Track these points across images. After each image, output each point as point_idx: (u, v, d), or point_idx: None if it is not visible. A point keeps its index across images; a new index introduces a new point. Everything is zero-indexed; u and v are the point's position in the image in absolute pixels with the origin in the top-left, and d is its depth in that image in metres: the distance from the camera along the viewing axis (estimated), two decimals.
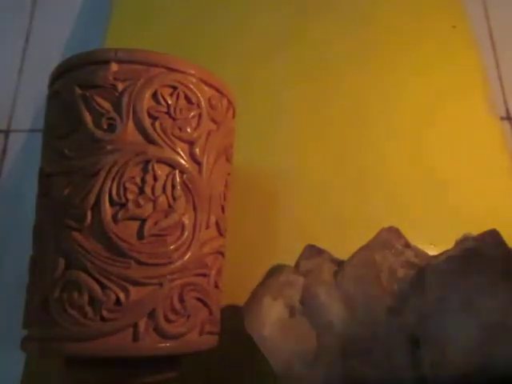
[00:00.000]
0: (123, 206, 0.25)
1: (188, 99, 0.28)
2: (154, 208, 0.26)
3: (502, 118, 0.46)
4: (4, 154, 0.45)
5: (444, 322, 0.26)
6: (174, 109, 0.27)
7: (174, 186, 0.27)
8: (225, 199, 0.30)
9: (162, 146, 0.26)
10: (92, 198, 0.25)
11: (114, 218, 0.25)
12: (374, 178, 0.40)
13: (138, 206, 0.26)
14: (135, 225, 0.26)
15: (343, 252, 0.30)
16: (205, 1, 0.49)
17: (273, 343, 0.28)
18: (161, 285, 0.26)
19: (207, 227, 0.28)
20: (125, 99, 0.26)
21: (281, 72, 0.45)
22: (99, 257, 0.25)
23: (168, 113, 0.27)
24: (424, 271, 0.28)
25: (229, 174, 0.31)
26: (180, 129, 0.27)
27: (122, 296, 0.25)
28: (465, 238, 0.29)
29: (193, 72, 0.28)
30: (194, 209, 0.27)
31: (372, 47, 0.46)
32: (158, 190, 0.26)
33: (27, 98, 0.47)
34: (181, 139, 0.27)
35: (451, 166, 0.41)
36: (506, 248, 0.28)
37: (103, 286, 0.25)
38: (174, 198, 0.26)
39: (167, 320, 0.26)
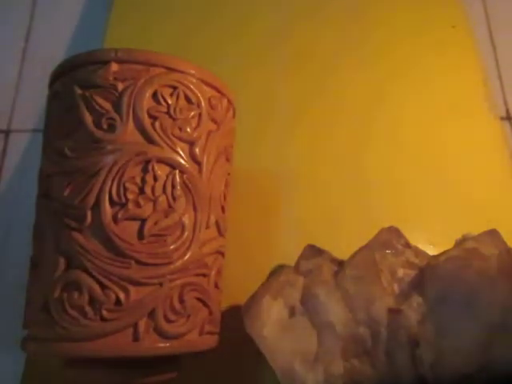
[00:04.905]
0: (123, 206, 0.25)
1: (188, 99, 0.28)
2: (154, 208, 0.26)
3: (502, 118, 0.46)
4: (4, 153, 0.45)
5: (444, 322, 0.26)
6: (174, 109, 0.27)
7: (174, 186, 0.27)
8: (225, 199, 0.30)
9: (162, 146, 0.26)
10: (92, 198, 0.25)
11: (114, 218, 0.25)
12: (373, 178, 0.40)
13: (138, 206, 0.26)
14: (135, 225, 0.26)
15: (343, 252, 0.30)
16: (204, 1, 0.49)
17: (273, 343, 0.28)
18: (161, 285, 0.26)
19: (207, 227, 0.28)
20: (125, 99, 0.26)
21: (280, 72, 0.45)
22: (99, 257, 0.25)
23: (168, 113, 0.27)
24: (424, 271, 0.28)
25: (229, 174, 0.31)
26: (180, 129, 0.27)
27: (121, 296, 0.25)
28: (465, 238, 0.29)
29: (193, 72, 0.28)
30: (194, 209, 0.27)
31: (371, 46, 0.46)
32: (158, 190, 0.26)
33: (27, 98, 0.47)
34: (181, 139, 0.27)
35: (451, 166, 0.41)
36: (506, 248, 0.28)
37: (103, 286, 0.25)
38: (174, 198, 0.26)
39: (167, 320, 0.26)
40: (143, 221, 0.26)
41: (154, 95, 0.27)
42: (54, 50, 0.49)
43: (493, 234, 0.28)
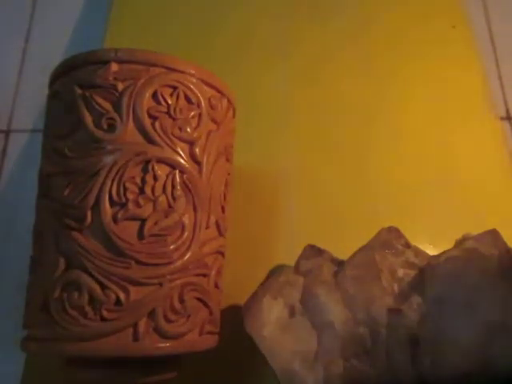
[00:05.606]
0: (123, 205, 0.25)
1: (188, 99, 0.28)
2: (154, 208, 0.26)
3: (502, 118, 0.46)
4: (4, 154, 0.45)
5: (444, 322, 0.26)
6: (174, 109, 0.27)
7: (174, 186, 0.27)
8: (225, 199, 0.30)
9: (162, 146, 0.26)
10: (92, 198, 0.25)
11: (114, 218, 0.25)
12: (373, 178, 0.40)
13: (138, 205, 0.26)
14: (135, 225, 0.26)
15: (343, 252, 0.30)
16: (204, 1, 0.49)
17: (273, 343, 0.28)
18: (161, 285, 0.26)
19: (207, 227, 0.28)
20: (125, 99, 0.26)
21: (281, 73, 0.45)
22: (99, 257, 0.25)
23: (168, 113, 0.27)
24: (424, 271, 0.28)
25: (229, 174, 0.31)
26: (180, 129, 0.27)
27: (122, 296, 0.25)
28: (465, 238, 0.29)
29: (193, 72, 0.28)
30: (194, 209, 0.27)
31: (372, 48, 0.46)
32: (158, 190, 0.26)
33: (27, 98, 0.47)
34: (181, 139, 0.27)
35: (451, 166, 0.41)
36: (506, 248, 0.28)
37: (103, 286, 0.25)
38: (174, 198, 0.26)
39: (167, 320, 0.26)
40: (143, 221, 0.26)
41: (154, 95, 0.27)
42: (53, 50, 0.49)
43: (493, 234, 0.28)
